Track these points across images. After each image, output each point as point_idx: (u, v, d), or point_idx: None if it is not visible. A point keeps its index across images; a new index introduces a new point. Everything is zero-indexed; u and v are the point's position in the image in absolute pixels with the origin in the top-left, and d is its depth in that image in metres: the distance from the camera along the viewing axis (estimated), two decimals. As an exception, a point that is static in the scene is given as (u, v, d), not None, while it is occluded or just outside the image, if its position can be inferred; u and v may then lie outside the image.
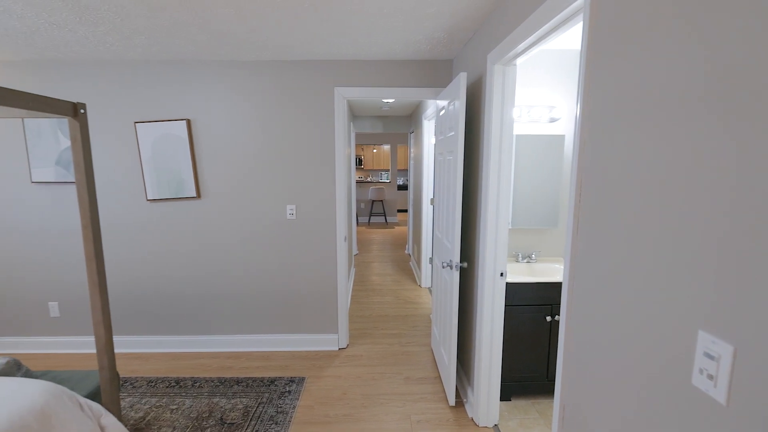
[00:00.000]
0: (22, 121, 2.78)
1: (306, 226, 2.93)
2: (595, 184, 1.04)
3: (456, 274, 2.20)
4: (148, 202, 2.88)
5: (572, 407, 1.19)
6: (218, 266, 2.96)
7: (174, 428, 2.14)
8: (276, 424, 2.17)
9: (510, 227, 2.59)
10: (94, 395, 1.84)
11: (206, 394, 2.46)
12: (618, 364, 0.95)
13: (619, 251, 0.94)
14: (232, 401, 2.38)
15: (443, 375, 2.52)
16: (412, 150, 5.94)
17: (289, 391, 2.48)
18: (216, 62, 2.74)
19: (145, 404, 2.36)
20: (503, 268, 2.01)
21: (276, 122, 2.81)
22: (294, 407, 2.32)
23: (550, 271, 2.47)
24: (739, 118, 0.63)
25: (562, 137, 2.53)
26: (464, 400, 2.39)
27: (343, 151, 2.87)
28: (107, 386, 1.69)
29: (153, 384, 2.57)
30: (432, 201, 4.26)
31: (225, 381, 2.60)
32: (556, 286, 2.25)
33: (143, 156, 2.80)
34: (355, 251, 6.12)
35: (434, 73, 2.80)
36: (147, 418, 2.23)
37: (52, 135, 2.80)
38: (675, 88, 0.76)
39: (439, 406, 2.34)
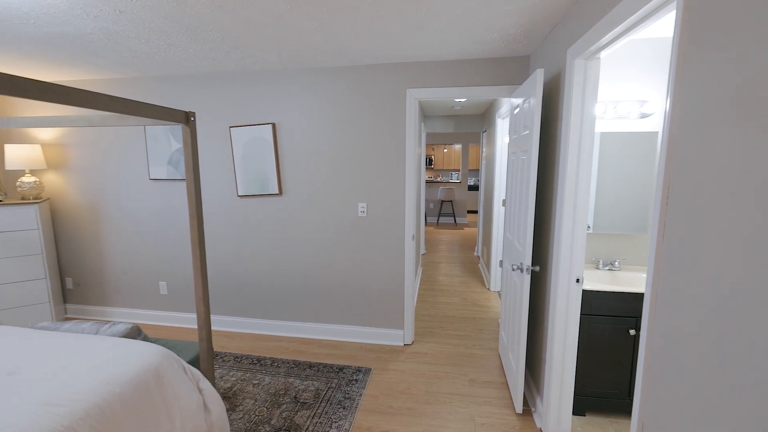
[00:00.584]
0: (144, 127, 3.29)
1: (376, 224, 3.04)
2: (686, 186, 0.96)
3: (527, 278, 2.13)
4: (239, 197, 3.22)
5: (653, 428, 1.11)
6: (296, 258, 3.21)
7: (255, 400, 2.38)
8: (343, 408, 2.30)
9: (590, 231, 2.43)
10: (193, 363, 2.12)
11: (283, 373, 2.69)
12: (707, 384, 0.87)
13: (711, 261, 0.86)
14: (305, 383, 2.57)
15: (510, 381, 2.45)
16: (484, 149, 5.79)
17: (356, 380, 2.60)
18: (299, 70, 2.97)
19: (231, 377, 2.66)
20: (579, 273, 1.91)
21: (350, 124, 2.97)
22: (360, 395, 2.43)
23: (635, 280, 2.27)
24: None
25: (654, 134, 2.30)
26: (532, 409, 2.30)
27: (414, 151, 2.92)
28: (205, 355, 1.94)
29: (239, 360, 2.88)
30: (504, 202, 4.13)
31: (299, 364, 2.81)
32: (642, 298, 2.06)
33: (236, 157, 3.14)
34: (422, 251, 6.16)
35: (509, 70, 2.73)
36: (233, 389, 2.51)
37: (165, 139, 3.28)
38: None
39: (504, 412, 2.29)
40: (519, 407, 2.25)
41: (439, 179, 10.98)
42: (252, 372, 2.71)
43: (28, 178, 3.37)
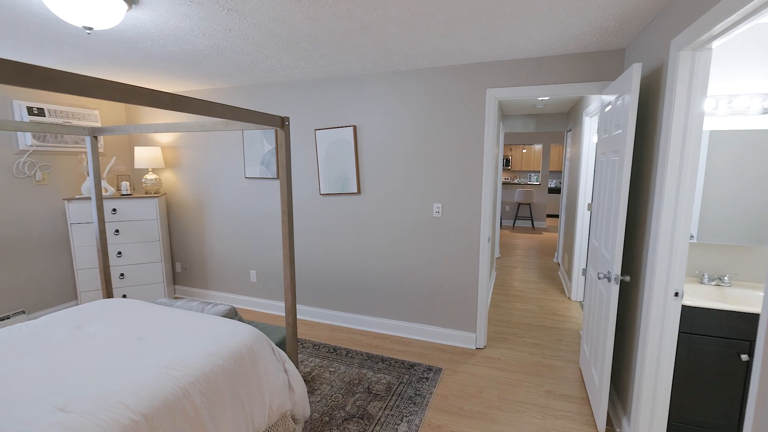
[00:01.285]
0: (242, 131, 3.69)
1: (450, 225, 3.04)
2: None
3: (615, 288, 1.98)
4: (321, 196, 3.45)
5: (769, 463, 0.98)
6: (372, 255, 3.34)
7: (332, 387, 2.54)
8: (414, 404, 2.35)
9: (694, 241, 2.17)
10: (279, 346, 2.34)
11: (356, 364, 2.82)
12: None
13: None
14: (377, 375, 2.67)
15: (592, 397, 2.29)
16: (568, 150, 5.44)
17: (427, 378, 2.64)
18: (380, 73, 3.09)
19: (310, 362, 2.86)
20: (679, 287, 1.72)
21: (427, 125, 3.01)
22: (431, 393, 2.46)
23: (750, 298, 1.98)
24: None
25: (782, 132, 1.98)
26: (617, 429, 2.13)
27: (492, 152, 2.87)
28: (291, 339, 2.13)
29: (317, 348, 3.09)
30: (589, 206, 3.84)
31: (372, 357, 2.93)
32: (758, 319, 1.79)
33: (319, 157, 3.37)
34: (497, 254, 5.97)
35: (599, 65, 2.54)
36: (312, 374, 2.70)
37: (259, 141, 3.63)
38: None
39: (584, 428, 2.15)
40: (601, 426, 2.10)
41: (516, 181, 10.52)
42: (328, 360, 2.89)
43: (150, 176, 3.97)
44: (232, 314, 2.34)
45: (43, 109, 3.52)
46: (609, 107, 2.29)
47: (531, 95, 2.74)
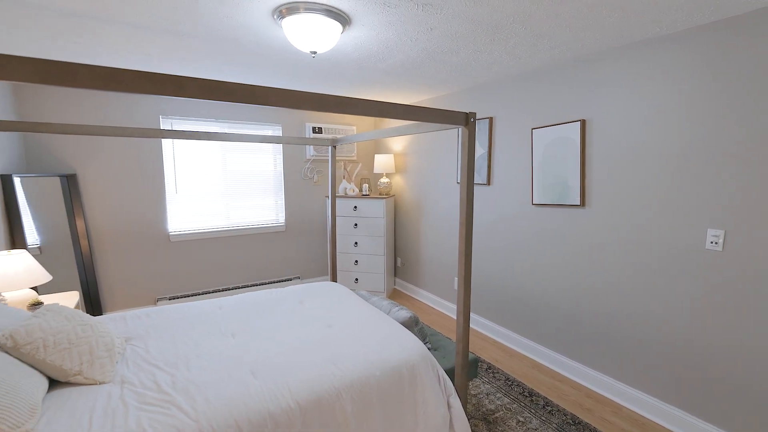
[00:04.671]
0: (458, 133, 3.60)
1: (741, 265, 1.91)
2: None
3: None
4: (533, 206, 2.92)
5: None
6: (595, 286, 2.56)
7: (514, 441, 2.07)
8: None
9: None
10: (451, 372, 2.08)
11: (555, 426, 2.21)
12: None
13: None
14: (581, 452, 1.99)
15: None
16: None
17: (663, 490, 1.75)
18: (619, 48, 2.28)
19: (498, 399, 2.45)
20: None
21: (697, 110, 1.98)
22: None
23: None
24: None
25: None
26: None
27: None
28: (460, 371, 1.85)
29: (510, 384, 2.63)
30: None
31: (579, 424, 2.22)
32: None
33: (534, 161, 2.85)
34: None
35: None
36: (496, 414, 2.30)
37: (474, 145, 3.44)
38: None
39: None
40: None
41: None
42: (520, 405, 2.40)
43: (384, 179, 4.48)
44: (412, 324, 2.26)
45: (321, 128, 4.56)
46: None
47: None
